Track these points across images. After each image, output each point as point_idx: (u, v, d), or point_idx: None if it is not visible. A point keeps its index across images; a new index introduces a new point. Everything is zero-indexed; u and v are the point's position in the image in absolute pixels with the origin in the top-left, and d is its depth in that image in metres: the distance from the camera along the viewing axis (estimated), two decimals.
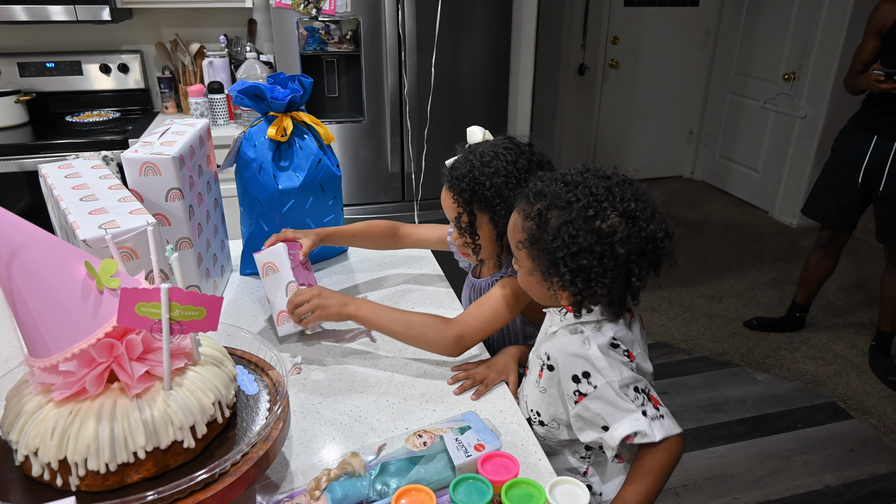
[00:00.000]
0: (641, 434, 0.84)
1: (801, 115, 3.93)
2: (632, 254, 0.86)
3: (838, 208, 2.56)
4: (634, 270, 0.87)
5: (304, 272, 1.21)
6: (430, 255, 1.58)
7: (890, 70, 2.20)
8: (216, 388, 0.75)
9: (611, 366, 0.88)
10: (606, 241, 0.85)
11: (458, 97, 2.49)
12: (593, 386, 0.88)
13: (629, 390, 0.87)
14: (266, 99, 1.34)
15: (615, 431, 0.86)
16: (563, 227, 0.86)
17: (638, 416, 0.85)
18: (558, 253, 0.86)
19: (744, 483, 2.07)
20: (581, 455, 1.01)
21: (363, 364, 1.14)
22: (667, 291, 3.25)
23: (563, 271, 0.86)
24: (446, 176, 1.15)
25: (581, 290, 0.86)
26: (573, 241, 0.85)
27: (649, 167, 4.98)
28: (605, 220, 0.85)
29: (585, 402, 0.89)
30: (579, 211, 0.86)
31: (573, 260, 0.85)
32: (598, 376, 0.88)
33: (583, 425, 0.91)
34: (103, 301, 0.69)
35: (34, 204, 2.30)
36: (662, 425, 0.85)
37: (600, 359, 0.88)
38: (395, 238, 1.41)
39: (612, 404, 0.87)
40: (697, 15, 4.56)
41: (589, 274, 0.85)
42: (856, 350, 2.77)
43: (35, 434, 0.66)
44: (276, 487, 0.84)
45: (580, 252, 0.85)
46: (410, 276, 1.48)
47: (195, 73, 2.73)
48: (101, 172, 1.15)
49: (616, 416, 0.86)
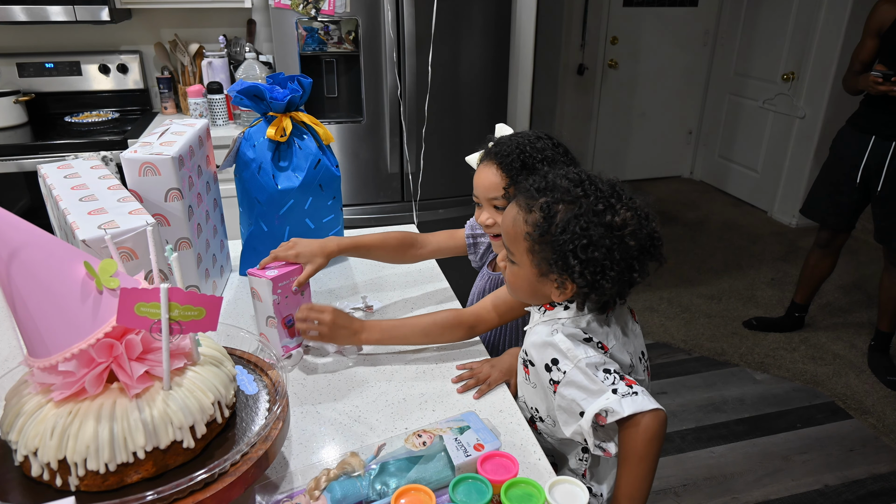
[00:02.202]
0: (611, 412, 0.83)
1: (800, 115, 3.93)
2: (638, 249, 0.88)
3: (837, 208, 2.56)
4: (636, 266, 0.88)
5: (293, 302, 1.14)
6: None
7: (888, 72, 2.21)
8: (216, 388, 0.75)
9: (576, 347, 0.88)
10: (617, 235, 0.86)
11: (457, 97, 2.49)
12: (563, 372, 0.88)
13: (598, 371, 0.86)
14: (265, 99, 1.34)
15: (587, 413, 0.85)
16: (573, 220, 0.87)
17: (608, 394, 0.84)
18: (568, 245, 0.87)
19: (743, 483, 2.08)
20: (580, 457, 1.01)
21: (363, 364, 1.14)
22: (666, 291, 3.25)
23: (573, 263, 0.87)
24: (489, 151, 1.16)
25: (589, 282, 0.87)
26: (584, 233, 0.86)
27: (648, 167, 4.98)
28: (616, 214, 0.87)
29: (560, 391, 0.89)
30: (589, 205, 0.88)
31: (584, 252, 0.86)
32: (565, 361, 0.88)
33: (565, 418, 0.91)
34: (103, 301, 0.69)
35: (33, 204, 2.30)
36: (633, 401, 0.83)
37: (565, 341, 0.89)
38: (413, 248, 1.36)
39: (582, 388, 0.86)
40: (696, 15, 4.56)
41: (598, 266, 0.86)
42: (855, 350, 2.77)
43: (34, 434, 0.66)
44: (276, 487, 0.84)
45: (590, 245, 0.86)
46: (410, 276, 1.48)
47: (194, 73, 2.73)
48: (100, 173, 1.15)
49: (588, 400, 0.86)
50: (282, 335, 1.12)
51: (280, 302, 1.12)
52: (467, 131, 2.54)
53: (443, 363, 1.15)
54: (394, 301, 1.37)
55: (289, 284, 1.13)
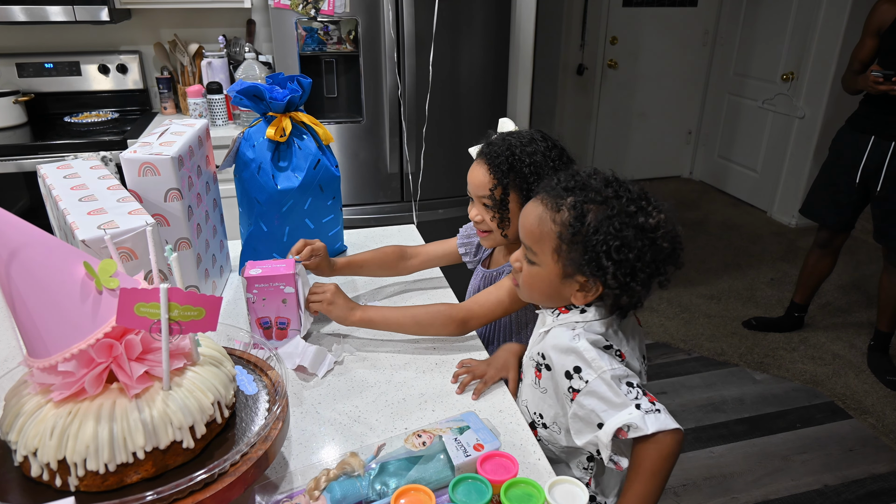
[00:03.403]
0: (634, 427, 0.82)
1: (800, 115, 3.93)
2: (667, 253, 0.88)
3: (836, 208, 2.56)
4: (662, 269, 0.89)
5: (271, 305, 1.13)
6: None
7: (888, 72, 2.20)
8: (215, 389, 0.75)
9: (601, 357, 0.87)
10: (650, 237, 0.86)
11: (456, 97, 2.49)
12: (585, 381, 0.87)
13: (622, 384, 0.85)
14: (265, 99, 1.34)
15: (608, 426, 0.84)
16: (605, 220, 0.86)
17: (631, 409, 0.83)
18: (601, 247, 0.86)
19: (743, 483, 2.08)
20: (584, 466, 1.00)
21: (362, 364, 1.14)
22: (665, 291, 3.23)
23: (607, 265, 0.86)
24: (481, 151, 1.18)
25: (621, 283, 0.87)
26: (618, 234, 0.85)
27: (648, 167, 4.98)
28: (649, 216, 0.87)
29: (579, 399, 0.87)
30: (622, 206, 0.87)
31: (618, 253, 0.85)
32: (588, 370, 0.87)
33: (580, 427, 0.89)
34: (102, 301, 0.69)
35: (33, 204, 2.30)
36: (657, 419, 0.82)
37: (590, 350, 0.88)
38: (404, 259, 1.38)
39: (604, 399, 0.85)
40: (696, 15, 4.56)
41: (630, 268, 0.86)
42: (854, 350, 2.77)
43: (34, 434, 0.66)
44: (276, 487, 0.84)
45: (624, 246, 0.85)
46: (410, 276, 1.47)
47: (194, 73, 2.73)
48: (99, 173, 1.15)
49: (609, 413, 0.85)
50: (256, 335, 1.12)
51: (256, 301, 1.12)
52: (467, 131, 2.54)
53: (442, 363, 1.15)
54: (394, 303, 1.38)
55: (270, 289, 1.12)
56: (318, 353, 1.10)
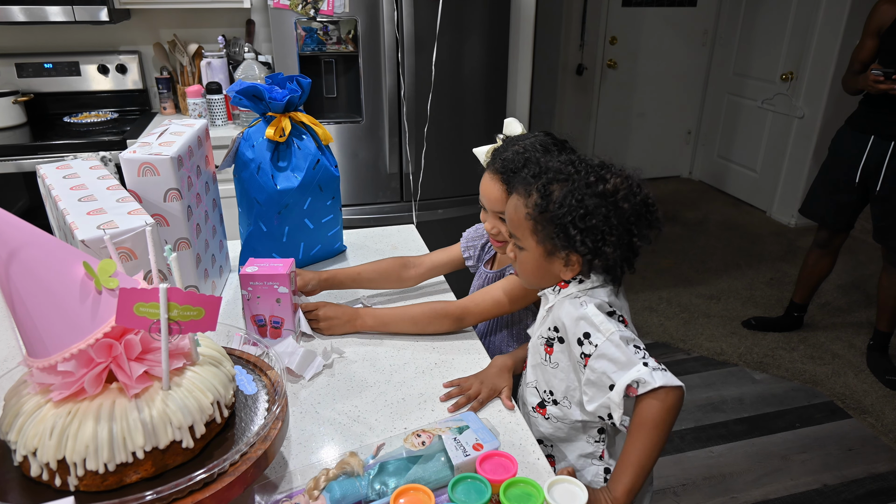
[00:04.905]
0: (643, 382, 0.85)
1: (799, 115, 3.94)
2: (632, 213, 0.92)
3: (836, 208, 2.56)
4: (635, 231, 0.93)
5: (265, 304, 1.15)
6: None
7: (888, 70, 2.21)
8: (215, 388, 0.75)
9: (608, 320, 0.91)
10: (611, 200, 0.91)
11: (456, 97, 2.49)
12: (594, 345, 0.91)
13: (630, 345, 0.89)
14: (264, 99, 1.34)
15: (619, 385, 0.87)
16: (568, 194, 0.92)
17: (639, 366, 0.87)
18: (566, 218, 0.91)
19: (742, 483, 2.08)
20: (595, 439, 1.02)
21: (361, 364, 1.14)
22: (665, 291, 3.25)
23: (574, 233, 0.91)
24: (494, 162, 1.17)
25: (591, 249, 0.91)
26: (580, 204, 0.91)
27: (647, 167, 4.98)
28: (606, 182, 0.92)
29: (591, 364, 0.91)
30: (581, 179, 0.93)
31: (582, 221, 0.91)
32: (597, 334, 0.91)
33: (594, 392, 0.92)
34: (102, 301, 0.69)
35: (32, 205, 2.30)
36: (664, 375, 0.86)
37: (598, 314, 0.92)
38: (406, 269, 1.38)
39: (614, 360, 0.88)
40: (695, 15, 4.57)
41: (598, 233, 0.91)
42: (853, 349, 2.78)
43: (34, 434, 0.66)
44: (275, 487, 0.84)
45: (587, 214, 0.91)
46: None
47: (193, 73, 2.73)
48: (99, 173, 1.15)
49: (619, 374, 0.88)
50: (251, 332, 1.12)
51: (250, 299, 1.15)
52: (466, 131, 2.54)
53: (442, 364, 1.15)
54: (394, 303, 1.38)
55: (265, 287, 1.13)
56: (307, 355, 1.10)
